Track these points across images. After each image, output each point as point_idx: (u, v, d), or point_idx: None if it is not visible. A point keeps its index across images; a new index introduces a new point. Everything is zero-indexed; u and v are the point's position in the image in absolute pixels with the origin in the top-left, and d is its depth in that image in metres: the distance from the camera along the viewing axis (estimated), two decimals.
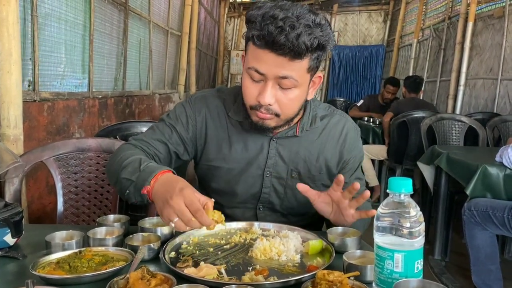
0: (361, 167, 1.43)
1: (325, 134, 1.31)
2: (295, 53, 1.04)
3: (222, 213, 1.04)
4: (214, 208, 1.02)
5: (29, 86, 2.43)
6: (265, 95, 1.10)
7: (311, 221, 1.37)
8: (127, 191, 1.11)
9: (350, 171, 1.34)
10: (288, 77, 1.08)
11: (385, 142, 4.53)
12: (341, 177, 1.08)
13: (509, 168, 2.30)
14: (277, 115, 1.15)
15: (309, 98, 1.22)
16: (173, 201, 0.94)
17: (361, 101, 5.84)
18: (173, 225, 0.95)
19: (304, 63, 1.08)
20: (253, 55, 1.10)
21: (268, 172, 1.28)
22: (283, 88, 1.11)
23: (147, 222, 1.12)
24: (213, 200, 0.97)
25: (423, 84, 5.20)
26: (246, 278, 0.89)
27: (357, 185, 1.05)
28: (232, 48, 9.84)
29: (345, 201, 1.10)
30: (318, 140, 1.30)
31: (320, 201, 1.15)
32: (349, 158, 1.33)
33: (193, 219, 0.93)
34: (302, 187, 1.13)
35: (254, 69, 1.10)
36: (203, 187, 1.38)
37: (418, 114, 4.05)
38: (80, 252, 0.94)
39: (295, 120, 1.26)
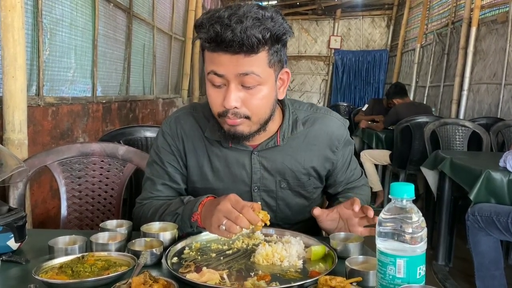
0: (363, 171, 1.43)
1: (310, 139, 1.25)
2: (247, 47, 1.00)
3: None
4: None
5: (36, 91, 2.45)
6: (229, 98, 1.05)
7: (308, 227, 1.35)
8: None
9: (343, 167, 1.32)
10: (249, 73, 1.04)
11: (389, 148, 4.53)
12: (358, 201, 1.09)
13: None
14: (247, 117, 1.10)
15: (280, 97, 1.17)
16: (220, 205, 0.99)
17: (366, 105, 5.85)
18: (223, 227, 0.97)
19: (261, 56, 1.04)
20: (209, 60, 1.06)
21: (256, 187, 1.25)
22: (247, 88, 1.06)
23: (150, 227, 1.12)
24: (259, 203, 1.01)
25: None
26: (249, 283, 0.89)
27: (371, 212, 1.07)
28: None
29: (356, 219, 1.11)
30: (303, 146, 1.24)
31: (328, 219, 1.15)
32: (338, 158, 1.30)
33: (240, 216, 0.96)
34: (317, 212, 1.14)
35: (213, 73, 1.05)
36: None
37: (422, 119, 4.04)
38: (82, 257, 0.94)
39: (274, 128, 1.22)
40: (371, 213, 1.07)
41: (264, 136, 1.21)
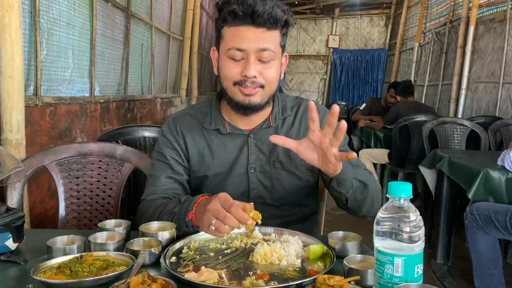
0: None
1: (298, 121, 1.36)
2: (273, 20, 1.17)
3: None
4: None
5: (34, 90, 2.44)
6: (250, 68, 1.18)
7: (306, 212, 1.39)
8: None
9: None
10: (267, 49, 1.19)
11: (388, 147, 4.54)
12: (312, 109, 1.04)
13: (511, 172, 2.29)
14: (262, 86, 1.22)
15: (280, 77, 1.30)
16: (209, 205, 1.00)
17: (364, 105, 5.85)
18: (213, 228, 0.97)
19: (277, 35, 1.21)
20: (231, 36, 1.20)
21: (252, 168, 1.31)
22: (264, 62, 1.20)
23: (148, 226, 1.12)
24: (252, 203, 1.00)
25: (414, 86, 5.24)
26: (247, 282, 0.89)
27: (333, 117, 1.00)
28: None
29: (326, 139, 1.03)
30: (293, 128, 1.35)
31: (304, 148, 1.09)
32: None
33: (228, 215, 0.96)
34: (275, 138, 1.08)
35: (235, 48, 1.18)
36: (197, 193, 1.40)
37: (420, 118, 4.05)
38: (81, 256, 0.94)
39: (267, 112, 1.33)
40: (334, 112, 1.01)
41: (258, 120, 1.32)
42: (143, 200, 1.33)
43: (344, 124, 1.00)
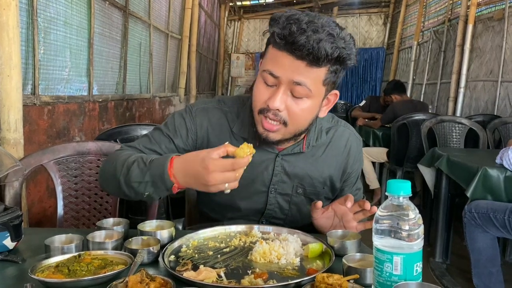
0: (361, 171, 1.45)
1: (330, 149, 1.29)
2: (313, 57, 1.01)
3: (222, 223, 1.14)
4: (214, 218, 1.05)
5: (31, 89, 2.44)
6: (275, 98, 1.06)
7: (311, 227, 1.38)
8: (146, 193, 1.08)
9: (351, 183, 1.36)
10: (301, 84, 1.05)
11: (386, 145, 4.54)
12: (351, 197, 1.09)
13: (510, 170, 2.29)
14: (284, 123, 1.11)
15: (321, 115, 1.19)
16: (211, 181, 0.96)
17: (364, 102, 5.86)
18: (229, 191, 0.99)
19: (321, 72, 1.05)
20: (270, 58, 1.08)
21: (273, 189, 1.27)
22: (295, 97, 1.08)
23: (147, 225, 1.12)
24: (226, 142, 0.99)
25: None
26: (246, 281, 0.88)
27: (368, 204, 1.08)
28: (233, 51, 9.86)
29: (350, 214, 1.12)
30: (323, 156, 1.28)
31: (323, 216, 1.16)
32: (352, 171, 1.34)
33: (237, 175, 0.96)
34: (319, 204, 1.14)
35: (269, 72, 1.07)
36: (204, 200, 1.36)
37: (419, 116, 4.05)
38: (79, 255, 0.94)
39: (302, 135, 1.23)
40: (367, 205, 1.09)
41: (291, 141, 1.22)
42: (121, 146, 1.25)
43: (375, 209, 1.03)
